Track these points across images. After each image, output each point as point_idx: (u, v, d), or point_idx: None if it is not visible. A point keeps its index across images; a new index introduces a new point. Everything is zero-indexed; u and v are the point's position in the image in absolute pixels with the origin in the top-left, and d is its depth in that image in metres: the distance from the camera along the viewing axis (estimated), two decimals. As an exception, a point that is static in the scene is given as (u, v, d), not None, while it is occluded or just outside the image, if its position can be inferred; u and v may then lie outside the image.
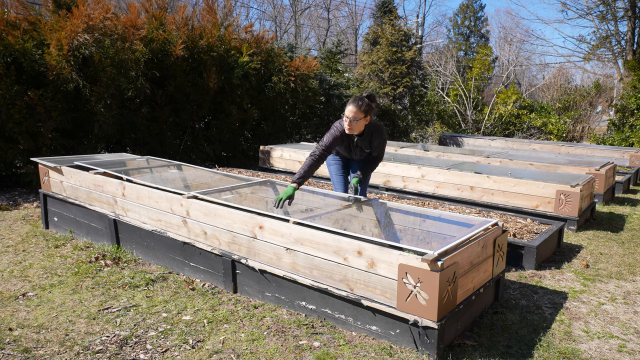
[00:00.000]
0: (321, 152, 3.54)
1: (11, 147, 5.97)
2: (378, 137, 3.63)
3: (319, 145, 3.56)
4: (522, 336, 2.74)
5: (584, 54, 18.35)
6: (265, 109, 8.92)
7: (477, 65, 14.74)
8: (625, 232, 5.13)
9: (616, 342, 2.72)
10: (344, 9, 38.08)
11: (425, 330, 2.40)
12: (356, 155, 3.81)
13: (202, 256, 3.37)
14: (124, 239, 3.93)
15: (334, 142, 3.57)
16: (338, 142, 3.60)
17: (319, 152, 3.53)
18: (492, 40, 37.87)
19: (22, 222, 4.85)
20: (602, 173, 6.38)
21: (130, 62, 6.56)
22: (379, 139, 3.64)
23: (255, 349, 2.52)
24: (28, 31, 6.03)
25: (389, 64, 13.57)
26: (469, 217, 3.21)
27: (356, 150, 3.73)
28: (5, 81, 5.62)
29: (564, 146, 9.93)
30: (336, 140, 3.57)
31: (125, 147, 7.44)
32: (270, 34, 9.81)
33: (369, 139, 3.62)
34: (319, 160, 3.53)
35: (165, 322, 2.79)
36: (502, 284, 3.17)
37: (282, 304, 2.99)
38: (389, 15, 16.83)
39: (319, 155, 3.52)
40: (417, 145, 9.42)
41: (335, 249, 2.67)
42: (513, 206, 5.37)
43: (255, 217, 3.04)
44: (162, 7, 7.69)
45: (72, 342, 2.55)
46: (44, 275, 3.46)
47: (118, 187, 3.89)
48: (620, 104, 13.11)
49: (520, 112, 14.41)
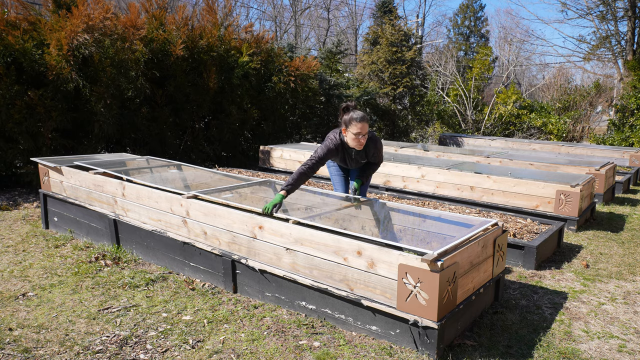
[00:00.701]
0: (313, 164, 3.46)
1: (11, 147, 5.97)
2: (373, 146, 3.59)
3: (313, 157, 3.48)
4: (522, 336, 2.74)
5: (584, 54, 18.36)
6: (265, 109, 8.92)
7: (477, 65, 14.74)
8: (625, 232, 5.13)
9: (616, 342, 2.72)
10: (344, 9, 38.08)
11: (425, 330, 2.40)
12: (352, 166, 3.78)
13: (202, 256, 3.37)
14: (124, 239, 3.93)
15: (329, 154, 3.51)
16: (333, 154, 3.55)
17: (312, 163, 3.45)
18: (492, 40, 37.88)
19: (22, 222, 4.85)
20: (602, 173, 6.38)
21: (130, 62, 6.56)
22: (374, 149, 3.60)
23: (255, 349, 2.52)
24: (28, 31, 6.03)
25: (389, 64, 13.57)
26: (469, 217, 3.21)
27: (352, 162, 3.69)
28: (5, 81, 5.62)
29: (564, 146, 9.93)
30: (331, 152, 3.51)
31: (125, 147, 7.44)
32: (270, 34, 9.81)
33: (365, 150, 3.59)
34: (311, 170, 3.44)
35: (165, 322, 2.79)
36: (502, 284, 3.17)
37: (282, 304, 2.99)
38: (389, 15, 16.83)
39: (310, 166, 3.43)
40: (417, 145, 9.42)
41: (335, 249, 2.67)
42: (513, 206, 5.37)
43: (254, 217, 3.04)
44: (162, 7, 7.69)
45: (72, 342, 2.55)
46: (44, 275, 3.46)
47: (118, 187, 3.89)
48: (620, 104, 13.11)
49: (520, 112, 14.41)
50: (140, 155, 5.68)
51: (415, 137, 14.84)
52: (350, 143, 3.46)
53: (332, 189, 4.99)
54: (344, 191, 3.95)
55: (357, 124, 3.35)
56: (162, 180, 4.45)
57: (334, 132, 3.61)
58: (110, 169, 4.26)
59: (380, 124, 13.77)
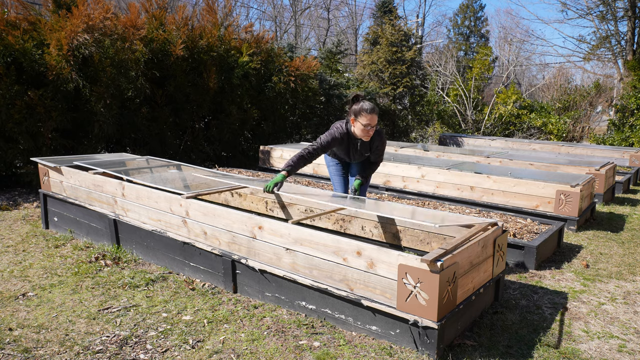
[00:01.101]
0: (315, 150, 3.39)
1: (11, 147, 5.97)
2: (379, 139, 3.57)
3: (316, 143, 3.43)
4: (522, 336, 2.74)
5: (584, 54, 18.37)
6: (265, 109, 8.92)
7: (477, 65, 14.74)
8: (625, 232, 5.13)
9: (616, 342, 2.72)
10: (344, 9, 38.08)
11: (425, 330, 2.40)
12: (354, 159, 3.75)
13: (202, 256, 3.37)
14: (124, 239, 3.93)
15: (333, 142, 3.46)
16: (337, 143, 3.50)
17: (313, 149, 3.39)
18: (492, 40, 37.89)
19: (22, 222, 4.85)
20: (602, 173, 6.38)
21: (130, 62, 6.56)
22: (379, 142, 3.58)
23: (255, 349, 2.52)
24: (28, 31, 6.03)
25: (389, 64, 13.57)
26: (469, 217, 3.21)
27: (356, 154, 3.66)
28: (5, 81, 5.62)
29: (564, 146, 9.93)
30: (335, 141, 3.47)
31: (125, 147, 7.44)
32: (270, 34, 9.81)
33: (370, 142, 3.56)
34: (312, 156, 3.37)
35: (165, 322, 2.79)
36: (502, 284, 3.17)
37: (282, 304, 2.99)
38: (389, 15, 16.83)
39: (311, 152, 3.37)
40: (417, 145, 9.42)
41: (334, 249, 2.67)
42: (513, 206, 5.37)
43: (254, 217, 3.04)
44: (162, 7, 7.69)
45: (72, 342, 2.55)
46: (44, 275, 3.46)
47: (118, 187, 3.89)
48: (620, 104, 13.11)
49: (520, 112, 14.41)
50: (140, 155, 5.68)
51: (415, 137, 14.84)
52: (357, 134, 3.42)
53: (332, 189, 4.99)
54: (343, 191, 3.95)
55: (367, 115, 3.30)
56: (161, 180, 4.45)
57: (340, 122, 3.57)
58: (110, 169, 4.26)
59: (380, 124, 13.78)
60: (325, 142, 3.44)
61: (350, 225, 3.72)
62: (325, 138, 3.44)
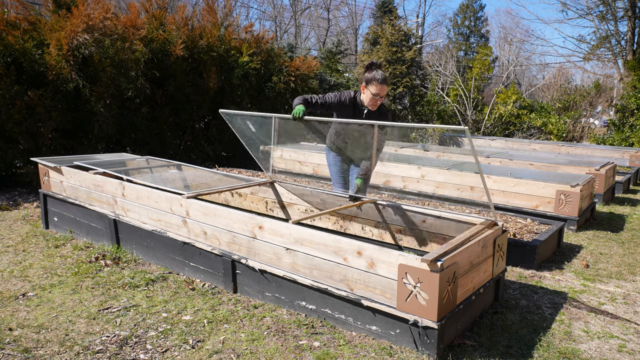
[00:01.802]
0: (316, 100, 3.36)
1: (11, 147, 5.97)
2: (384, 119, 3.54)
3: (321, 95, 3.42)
4: (522, 336, 2.74)
5: (584, 54, 18.38)
6: (265, 109, 8.92)
7: (477, 65, 14.74)
8: (625, 232, 5.13)
9: (616, 342, 2.72)
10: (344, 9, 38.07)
11: (425, 330, 2.40)
12: None
13: (202, 256, 3.37)
14: (124, 239, 3.93)
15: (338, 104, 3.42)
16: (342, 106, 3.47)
17: (316, 98, 3.35)
18: (492, 40, 37.91)
19: (22, 222, 4.85)
20: (602, 173, 6.39)
21: (130, 62, 6.56)
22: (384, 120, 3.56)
23: (255, 349, 2.52)
24: (28, 31, 6.03)
25: (389, 64, 13.57)
26: (469, 217, 3.21)
27: None
28: (5, 81, 5.62)
29: (564, 146, 9.93)
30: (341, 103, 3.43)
31: (125, 147, 7.43)
32: (270, 34, 9.81)
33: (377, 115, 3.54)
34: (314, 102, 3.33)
35: (165, 322, 2.79)
36: (502, 284, 3.17)
37: (282, 304, 2.99)
38: (389, 15, 16.83)
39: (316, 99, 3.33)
40: (417, 145, 9.42)
41: (334, 249, 2.67)
42: (513, 206, 5.37)
43: (254, 217, 3.04)
44: (162, 7, 7.69)
45: (72, 342, 2.55)
46: (44, 275, 3.46)
47: (118, 187, 3.89)
48: (620, 104, 13.11)
49: (520, 112, 14.41)
50: (140, 155, 5.68)
51: (415, 137, 14.84)
52: (365, 101, 3.43)
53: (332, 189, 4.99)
54: (343, 187, 3.95)
55: (378, 85, 3.30)
56: (162, 180, 4.45)
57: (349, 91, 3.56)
58: (110, 169, 4.26)
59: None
60: (329, 100, 3.42)
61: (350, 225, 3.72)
62: (330, 97, 3.44)
